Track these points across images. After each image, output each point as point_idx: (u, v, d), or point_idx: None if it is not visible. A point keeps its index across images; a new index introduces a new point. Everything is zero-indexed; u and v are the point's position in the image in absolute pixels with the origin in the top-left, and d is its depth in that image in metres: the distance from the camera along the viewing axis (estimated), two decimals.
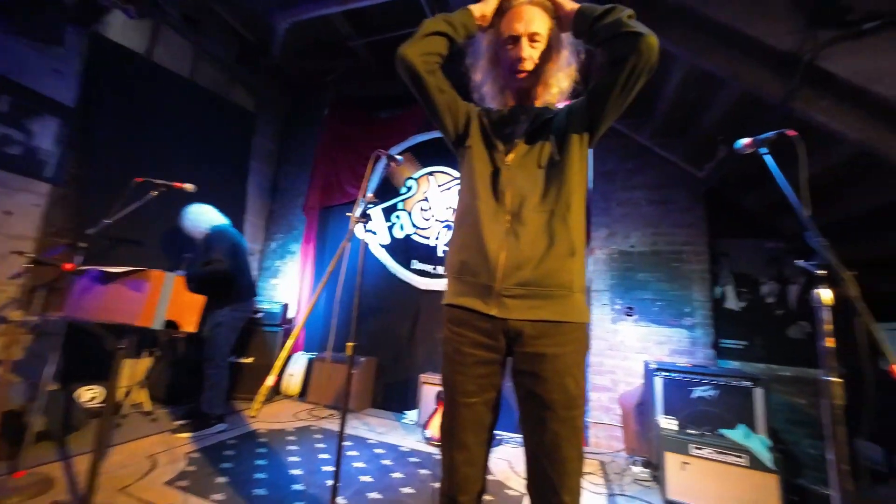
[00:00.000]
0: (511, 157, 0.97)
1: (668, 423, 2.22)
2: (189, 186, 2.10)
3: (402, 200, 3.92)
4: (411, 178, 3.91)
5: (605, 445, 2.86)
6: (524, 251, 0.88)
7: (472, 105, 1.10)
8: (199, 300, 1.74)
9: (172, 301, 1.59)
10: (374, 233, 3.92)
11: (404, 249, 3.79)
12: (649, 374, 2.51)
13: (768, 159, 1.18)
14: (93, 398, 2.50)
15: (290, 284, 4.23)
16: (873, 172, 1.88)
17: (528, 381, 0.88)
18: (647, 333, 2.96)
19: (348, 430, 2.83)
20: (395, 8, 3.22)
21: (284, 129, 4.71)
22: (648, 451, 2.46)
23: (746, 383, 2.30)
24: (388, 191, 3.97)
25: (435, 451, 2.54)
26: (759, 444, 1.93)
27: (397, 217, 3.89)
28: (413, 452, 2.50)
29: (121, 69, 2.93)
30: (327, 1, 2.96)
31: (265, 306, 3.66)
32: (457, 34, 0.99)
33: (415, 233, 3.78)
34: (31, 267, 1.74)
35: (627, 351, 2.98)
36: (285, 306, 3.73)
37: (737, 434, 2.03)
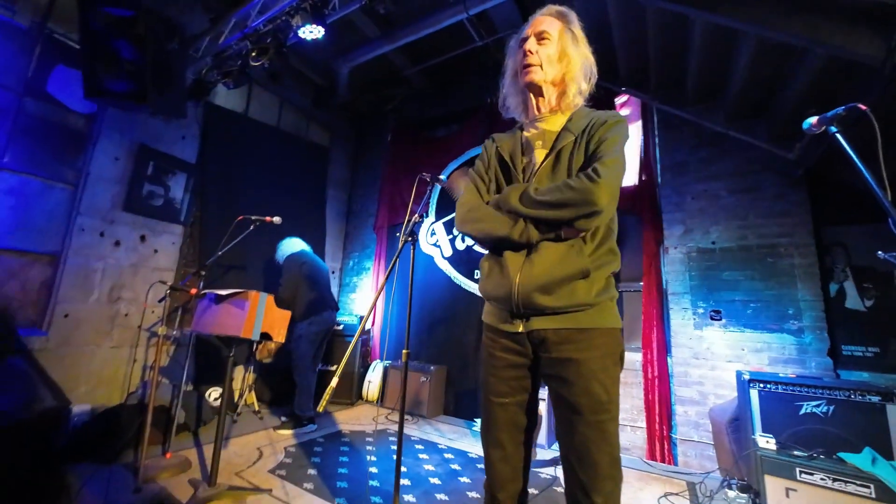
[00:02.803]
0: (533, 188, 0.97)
1: (767, 443, 1.94)
2: (276, 219, 2.48)
3: None
4: None
5: (695, 465, 2.58)
6: (538, 279, 0.89)
7: (488, 146, 1.14)
8: (286, 315, 2.05)
9: (266, 316, 1.91)
10: (439, 246, 4.11)
11: (467, 260, 3.90)
12: (743, 385, 2.22)
13: (840, 138, 1.03)
14: (217, 398, 3.05)
15: (366, 298, 4.62)
16: None
17: (555, 385, 0.90)
18: (740, 339, 2.62)
19: (421, 435, 2.99)
20: (442, 35, 3.43)
21: (354, 157, 5.22)
22: (746, 473, 2.16)
23: (875, 398, 1.91)
24: (449, 205, 4.14)
25: None
26: (890, 471, 1.59)
27: None
28: (481, 459, 2.54)
29: (226, 127, 3.60)
30: (379, 43, 3.27)
31: (346, 318, 4.05)
32: None
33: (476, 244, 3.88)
34: (171, 292, 2.24)
35: (716, 359, 2.66)
36: (362, 318, 4.10)
37: (860, 459, 1.70)
